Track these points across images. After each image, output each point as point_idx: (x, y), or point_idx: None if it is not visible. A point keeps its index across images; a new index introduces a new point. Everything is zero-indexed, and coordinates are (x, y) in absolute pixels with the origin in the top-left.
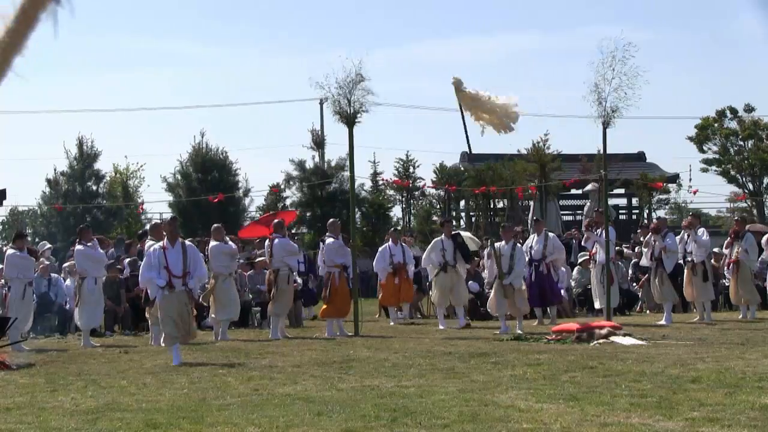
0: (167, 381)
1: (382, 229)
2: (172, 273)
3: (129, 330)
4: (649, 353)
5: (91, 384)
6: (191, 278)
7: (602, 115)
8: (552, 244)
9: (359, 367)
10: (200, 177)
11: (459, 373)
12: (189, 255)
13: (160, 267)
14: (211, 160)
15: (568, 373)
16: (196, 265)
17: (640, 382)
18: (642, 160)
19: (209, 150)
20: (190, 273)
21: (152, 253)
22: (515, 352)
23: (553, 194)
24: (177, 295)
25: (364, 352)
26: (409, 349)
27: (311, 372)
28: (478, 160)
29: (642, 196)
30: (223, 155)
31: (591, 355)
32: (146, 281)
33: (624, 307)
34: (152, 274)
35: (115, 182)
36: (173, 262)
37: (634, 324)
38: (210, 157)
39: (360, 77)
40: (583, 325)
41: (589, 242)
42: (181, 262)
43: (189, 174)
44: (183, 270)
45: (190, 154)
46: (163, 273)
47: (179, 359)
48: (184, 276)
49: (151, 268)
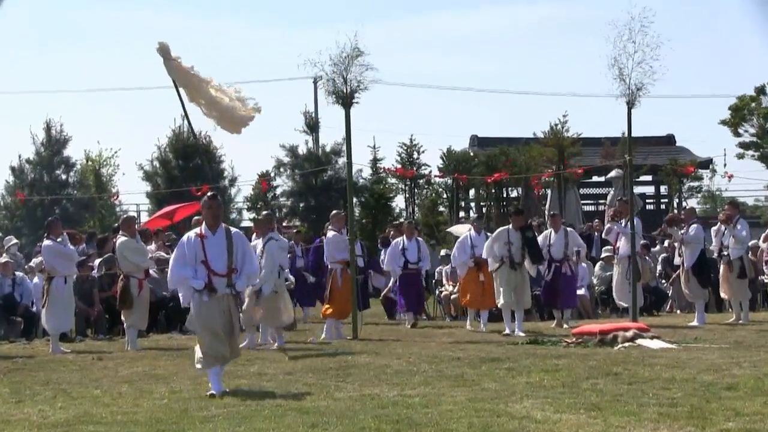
0: (145, 390)
1: (383, 222)
2: (212, 270)
3: (102, 334)
4: (680, 358)
5: (61, 394)
6: (239, 277)
7: (626, 93)
8: (573, 241)
9: (358, 374)
10: (181, 164)
11: (469, 380)
12: (236, 245)
13: (197, 262)
14: (193, 146)
15: (590, 380)
16: (245, 258)
17: (670, 390)
18: (671, 144)
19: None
20: (237, 270)
21: (186, 243)
22: (531, 357)
23: (572, 182)
24: (219, 301)
25: (364, 358)
26: (414, 354)
27: (305, 380)
28: (489, 144)
29: (671, 184)
30: (207, 140)
31: (615, 359)
32: (178, 282)
33: (652, 306)
34: (186, 272)
35: (86, 170)
36: (215, 255)
37: (664, 325)
38: (192, 142)
39: (357, 51)
40: (606, 327)
41: (613, 235)
42: (225, 255)
43: (168, 161)
44: (228, 266)
45: (170, 139)
46: (200, 271)
47: (220, 386)
48: (229, 274)
49: (184, 263)
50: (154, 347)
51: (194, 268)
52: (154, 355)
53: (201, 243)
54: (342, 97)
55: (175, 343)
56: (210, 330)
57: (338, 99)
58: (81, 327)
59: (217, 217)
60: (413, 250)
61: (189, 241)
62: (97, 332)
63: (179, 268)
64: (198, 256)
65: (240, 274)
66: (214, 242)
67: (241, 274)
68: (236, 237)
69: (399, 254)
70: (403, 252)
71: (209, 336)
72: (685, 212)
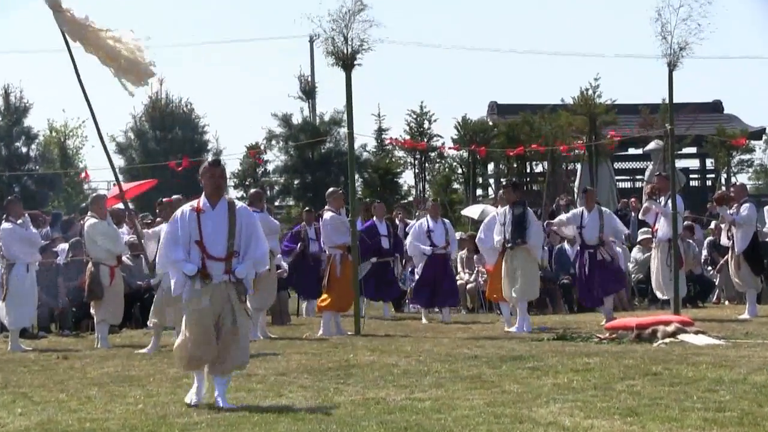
0: (118, 394)
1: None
2: (208, 253)
3: (69, 330)
4: (728, 355)
5: (21, 398)
6: (241, 262)
7: (668, 53)
8: (609, 224)
9: (361, 374)
10: (159, 136)
11: (487, 381)
12: (240, 223)
13: (191, 243)
14: (172, 115)
15: (626, 381)
16: (252, 239)
17: (717, 392)
18: (718, 111)
19: (170, 102)
20: (238, 253)
21: (179, 219)
22: (558, 355)
23: (605, 155)
24: (215, 290)
25: (368, 356)
26: (424, 351)
27: (300, 381)
28: (510, 112)
29: (718, 157)
30: (188, 108)
31: (654, 358)
32: (168, 264)
33: (696, 296)
34: (178, 253)
35: (50, 143)
36: (212, 234)
37: (710, 318)
38: (171, 111)
39: (360, 5)
40: (645, 321)
41: (651, 215)
42: (225, 235)
43: (144, 132)
44: (228, 248)
45: (146, 106)
46: (194, 253)
47: (200, 396)
48: (228, 258)
49: (176, 243)
50: (128, 344)
51: (188, 249)
52: (128, 353)
53: (197, 219)
54: (342, 59)
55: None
56: (198, 325)
57: (338, 60)
58: (44, 321)
59: (219, 187)
60: (440, 232)
61: (183, 216)
62: (63, 327)
63: (170, 248)
64: (192, 235)
65: (243, 259)
66: (212, 218)
67: (244, 258)
68: (241, 213)
69: (425, 237)
70: (429, 234)
71: (196, 332)
72: (735, 189)
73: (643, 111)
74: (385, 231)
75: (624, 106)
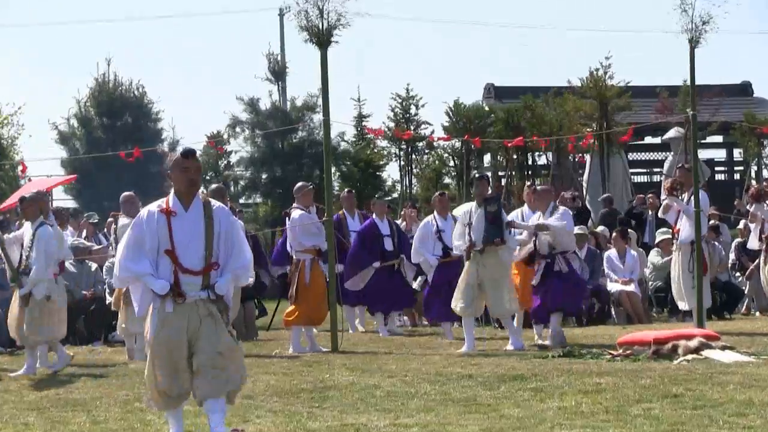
0: (59, 420)
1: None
2: (181, 265)
3: (3, 347)
4: (759, 374)
5: None
6: (222, 274)
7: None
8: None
9: (339, 397)
10: (106, 123)
11: (483, 404)
12: (219, 228)
13: (159, 252)
14: (121, 99)
15: (642, 404)
16: (234, 246)
17: (746, 416)
18: (747, 95)
19: (119, 84)
20: (217, 264)
21: (144, 222)
22: (564, 375)
23: (618, 144)
24: (190, 312)
25: (346, 376)
26: (412, 370)
27: (269, 405)
28: (510, 95)
29: (747, 146)
30: (140, 91)
31: (675, 377)
32: (130, 281)
33: (723, 307)
34: (143, 266)
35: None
36: (186, 241)
37: (738, 332)
38: (120, 95)
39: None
40: (664, 335)
41: (672, 213)
42: (202, 242)
43: (90, 119)
44: (205, 258)
45: (92, 90)
46: (164, 265)
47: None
48: (206, 271)
49: (140, 253)
50: (72, 363)
51: (155, 260)
52: (71, 373)
53: (167, 223)
54: (317, 35)
55: (98, 358)
56: (171, 357)
57: (312, 37)
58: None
59: (194, 183)
60: (452, 232)
61: (150, 219)
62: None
63: (133, 259)
64: (162, 243)
65: (223, 271)
66: (186, 222)
67: (224, 270)
68: (219, 215)
69: (434, 238)
70: (439, 235)
71: (168, 366)
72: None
73: (661, 94)
74: (387, 230)
75: (640, 89)
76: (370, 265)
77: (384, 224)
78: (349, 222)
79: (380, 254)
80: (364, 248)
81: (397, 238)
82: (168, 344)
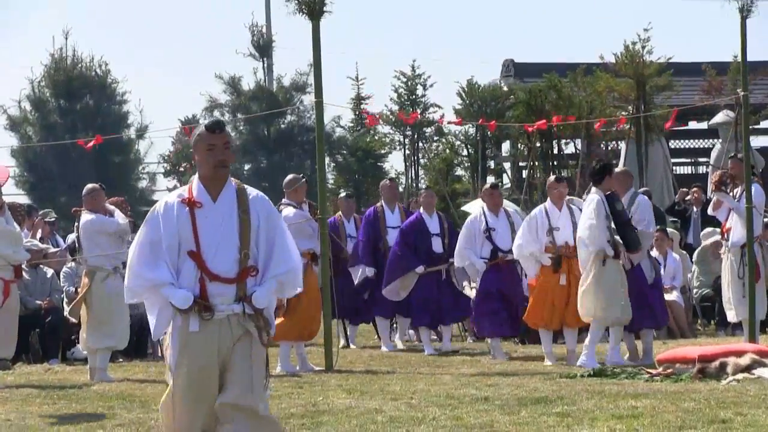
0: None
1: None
2: (209, 270)
3: None
4: None
5: None
6: (262, 282)
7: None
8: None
9: (334, 423)
10: (63, 106)
11: (501, 431)
12: (257, 221)
13: (181, 255)
14: (81, 79)
15: (685, 431)
16: (276, 245)
17: None
18: None
19: (78, 61)
20: (255, 269)
21: (161, 217)
22: (595, 397)
23: (658, 130)
24: (220, 329)
25: (343, 399)
26: (418, 392)
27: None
28: (532, 74)
29: None
30: (102, 69)
31: (723, 399)
32: (146, 292)
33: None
34: (160, 273)
35: None
36: (212, 238)
37: None
38: (80, 74)
39: None
40: (710, 351)
41: (722, 210)
42: (236, 240)
43: (45, 102)
44: (240, 261)
45: (47, 67)
46: (187, 270)
47: None
48: (241, 277)
49: (157, 258)
50: (25, 384)
51: (175, 266)
52: (24, 395)
53: (190, 217)
54: (308, 3)
55: (55, 378)
56: (194, 390)
57: (302, 6)
58: None
59: (223, 164)
60: (504, 230)
61: (168, 212)
62: None
63: (147, 264)
64: (184, 243)
65: (263, 278)
66: (214, 216)
67: (264, 276)
68: (257, 206)
69: (482, 238)
70: (489, 234)
71: (193, 399)
72: None
73: (708, 72)
74: (437, 228)
75: (683, 66)
76: (412, 269)
77: (433, 220)
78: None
79: (426, 257)
80: (407, 248)
81: (448, 238)
82: (190, 374)
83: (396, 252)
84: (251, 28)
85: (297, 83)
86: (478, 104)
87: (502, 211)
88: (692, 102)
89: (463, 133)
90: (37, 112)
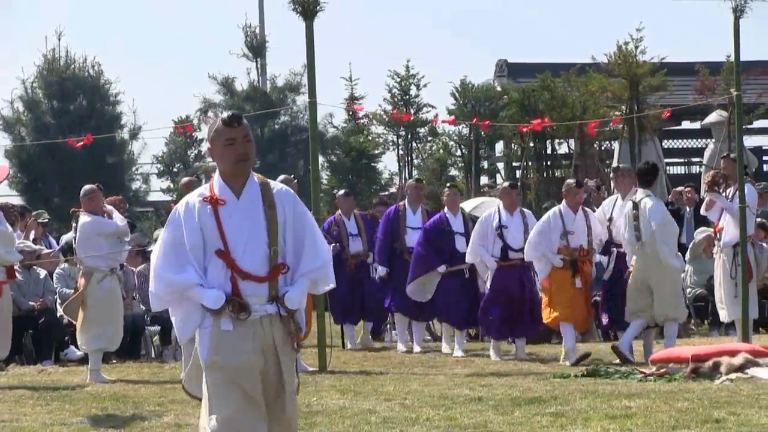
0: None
1: (365, 191)
2: (239, 268)
3: None
4: None
5: None
6: (294, 282)
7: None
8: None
9: (327, 423)
10: (56, 107)
11: (495, 431)
12: (284, 216)
13: (206, 252)
14: (74, 79)
15: (678, 431)
16: (306, 240)
17: None
18: None
19: (71, 62)
20: (285, 266)
21: (184, 217)
22: (589, 397)
23: (651, 130)
24: (254, 330)
25: (336, 400)
26: (412, 393)
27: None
28: (525, 74)
29: None
30: (95, 70)
31: (716, 399)
32: (171, 294)
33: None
34: (188, 275)
35: None
36: (239, 235)
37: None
38: (73, 74)
39: None
40: (703, 351)
41: (714, 210)
42: (264, 238)
43: (37, 102)
44: (270, 258)
45: (40, 68)
46: (215, 270)
47: None
48: (273, 274)
49: (184, 258)
50: (18, 386)
51: (202, 266)
52: (18, 397)
53: (214, 215)
54: (302, 3)
55: (48, 379)
56: (235, 388)
57: (296, 5)
58: None
59: (244, 158)
60: (517, 230)
61: (189, 212)
62: None
63: (173, 268)
64: (209, 242)
65: (294, 276)
66: (239, 213)
67: (295, 274)
68: (283, 200)
69: (493, 235)
70: (500, 232)
71: (235, 399)
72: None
73: (701, 72)
74: (461, 227)
75: (676, 66)
76: (434, 268)
77: (457, 219)
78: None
79: (450, 256)
80: (430, 247)
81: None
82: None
83: (419, 251)
84: (244, 29)
85: (290, 83)
86: (472, 104)
87: (518, 211)
88: (685, 102)
89: (456, 134)
90: (30, 113)
